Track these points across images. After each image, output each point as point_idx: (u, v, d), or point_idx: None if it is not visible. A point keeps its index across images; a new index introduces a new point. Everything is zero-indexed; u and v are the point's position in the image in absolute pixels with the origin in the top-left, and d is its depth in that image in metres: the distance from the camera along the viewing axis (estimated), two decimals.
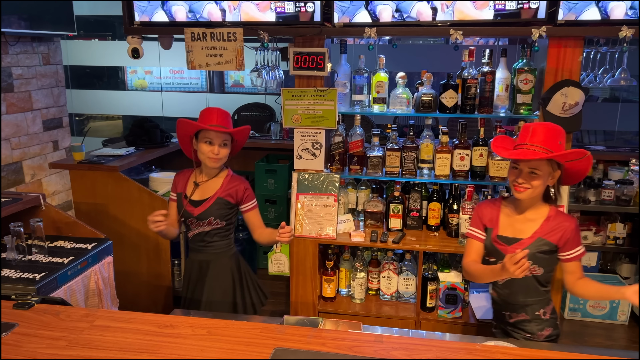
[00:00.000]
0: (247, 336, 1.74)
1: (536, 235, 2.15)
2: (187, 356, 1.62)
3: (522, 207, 2.19)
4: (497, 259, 2.18)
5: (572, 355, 1.67)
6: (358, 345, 1.69)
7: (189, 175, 2.63)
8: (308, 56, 2.99)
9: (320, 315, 3.24)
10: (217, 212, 2.54)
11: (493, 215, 2.25)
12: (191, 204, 2.55)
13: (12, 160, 4.53)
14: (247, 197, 2.60)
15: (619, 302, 3.88)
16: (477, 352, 1.65)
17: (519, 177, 2.07)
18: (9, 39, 4.38)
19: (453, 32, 2.79)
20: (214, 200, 2.53)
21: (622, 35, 2.65)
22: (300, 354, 1.62)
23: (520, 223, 2.19)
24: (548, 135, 2.02)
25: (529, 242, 2.14)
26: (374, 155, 3.16)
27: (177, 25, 3.05)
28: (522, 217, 2.19)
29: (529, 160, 2.03)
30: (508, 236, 2.19)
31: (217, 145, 2.45)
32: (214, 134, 2.43)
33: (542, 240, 2.14)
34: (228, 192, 2.55)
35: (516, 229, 2.19)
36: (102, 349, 1.64)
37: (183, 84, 7.58)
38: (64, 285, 2.72)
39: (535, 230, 2.15)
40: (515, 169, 2.09)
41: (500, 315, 2.34)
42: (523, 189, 2.07)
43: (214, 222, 2.55)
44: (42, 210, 3.15)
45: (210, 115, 2.45)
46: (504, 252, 2.15)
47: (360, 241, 3.13)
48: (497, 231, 2.22)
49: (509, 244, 2.17)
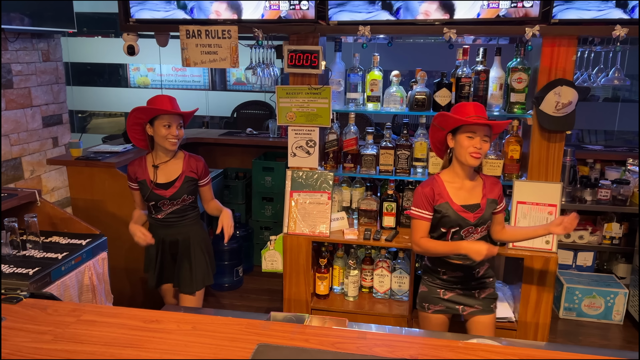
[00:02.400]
0: (231, 332, 1.75)
1: (484, 197, 2.45)
2: (171, 351, 1.63)
3: (463, 176, 2.44)
4: (460, 228, 2.42)
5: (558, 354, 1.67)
6: (341, 341, 1.70)
7: (144, 163, 2.82)
8: (302, 54, 3.00)
9: (313, 312, 3.25)
10: (188, 189, 2.83)
11: (440, 190, 2.44)
12: (160, 187, 2.77)
13: (12, 156, 4.55)
14: (205, 173, 2.92)
15: (613, 302, 3.88)
16: (460, 349, 1.66)
17: (477, 142, 2.31)
18: (8, 36, 4.40)
19: (447, 30, 2.80)
20: (183, 179, 2.80)
21: (615, 34, 2.65)
22: (283, 350, 1.63)
23: (465, 191, 2.45)
24: (482, 109, 2.36)
25: (484, 204, 2.43)
26: (368, 153, 3.17)
27: (172, 23, 3.07)
28: (467, 185, 2.45)
29: (484, 126, 2.31)
30: (466, 204, 2.42)
31: (175, 127, 2.70)
32: (171, 117, 2.68)
33: (490, 199, 2.45)
34: (191, 169, 2.84)
35: (466, 197, 2.44)
36: (87, 343, 1.66)
37: (185, 81, 7.61)
38: (57, 281, 2.74)
39: (482, 193, 2.45)
40: (471, 138, 2.32)
41: (468, 276, 2.50)
42: (479, 154, 2.32)
43: (187, 199, 2.85)
44: (38, 206, 3.17)
45: (163, 101, 2.69)
46: (468, 219, 2.40)
47: (354, 239, 3.14)
48: (455, 203, 2.42)
49: (472, 211, 2.42)
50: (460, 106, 2.39)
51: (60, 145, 5.10)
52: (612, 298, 3.89)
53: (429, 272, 2.58)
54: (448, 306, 2.54)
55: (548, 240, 2.95)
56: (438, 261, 2.51)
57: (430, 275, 2.56)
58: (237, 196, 4.75)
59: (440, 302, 2.54)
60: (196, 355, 1.61)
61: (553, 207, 2.96)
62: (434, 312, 2.55)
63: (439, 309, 2.54)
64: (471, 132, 2.33)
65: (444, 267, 2.50)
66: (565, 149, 3.89)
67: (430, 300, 2.55)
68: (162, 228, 2.89)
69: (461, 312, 2.55)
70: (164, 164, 2.80)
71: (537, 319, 3.00)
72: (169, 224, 2.88)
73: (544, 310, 2.98)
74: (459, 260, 2.45)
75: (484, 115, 2.36)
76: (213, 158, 4.96)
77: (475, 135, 2.32)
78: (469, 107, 2.36)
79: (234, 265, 4.32)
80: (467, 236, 2.44)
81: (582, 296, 3.93)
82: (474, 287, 2.53)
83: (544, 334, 3.01)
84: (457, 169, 2.44)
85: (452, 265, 2.48)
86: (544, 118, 2.86)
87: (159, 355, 1.61)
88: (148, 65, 7.59)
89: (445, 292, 2.53)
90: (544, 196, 2.96)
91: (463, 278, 2.50)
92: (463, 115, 2.33)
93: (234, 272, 4.34)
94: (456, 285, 2.52)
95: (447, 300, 2.53)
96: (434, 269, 2.54)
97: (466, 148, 2.33)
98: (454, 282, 2.51)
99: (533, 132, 2.94)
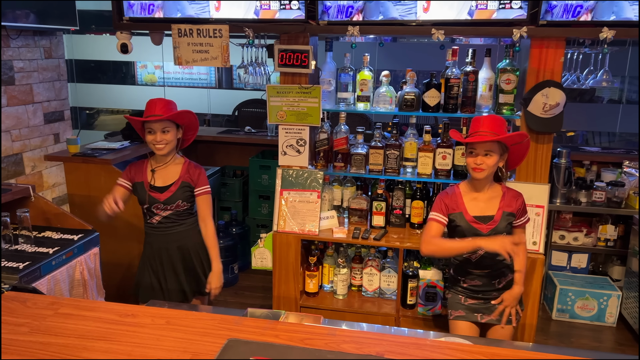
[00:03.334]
0: (204, 326, 1.78)
1: (501, 210, 2.45)
2: (142, 344, 1.67)
3: (479, 188, 2.47)
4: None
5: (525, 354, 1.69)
6: (310, 337, 1.72)
7: (145, 166, 2.77)
8: (293, 53, 3.02)
9: (302, 310, 3.28)
10: (183, 195, 2.72)
11: (457, 201, 2.48)
12: (156, 190, 2.70)
13: (13, 152, 4.62)
14: (201, 181, 2.76)
15: (606, 305, 3.87)
16: (426, 346, 1.68)
17: (477, 159, 2.35)
18: (10, 33, 4.47)
19: (434, 31, 2.81)
20: (179, 185, 2.71)
21: (602, 36, 2.65)
22: (252, 345, 1.66)
23: (483, 202, 2.46)
24: (495, 123, 2.34)
25: (499, 217, 2.44)
26: (358, 152, 3.19)
27: (164, 22, 3.10)
28: (483, 197, 2.47)
29: (484, 143, 2.32)
30: (480, 215, 2.44)
31: (159, 133, 2.62)
32: (151, 123, 2.61)
33: (506, 212, 2.45)
34: (189, 175, 2.74)
35: (482, 208, 2.46)
36: (61, 335, 1.70)
37: (192, 79, 7.65)
38: (47, 275, 2.79)
39: (498, 206, 2.45)
40: (472, 153, 2.37)
41: (487, 285, 2.51)
42: (480, 169, 2.35)
43: (181, 205, 2.73)
44: (32, 202, 3.22)
45: (151, 106, 2.63)
46: (481, 230, 2.42)
47: (343, 237, 3.16)
48: (468, 213, 2.44)
49: (485, 222, 2.43)
50: (475, 120, 2.40)
51: (62, 142, 5.17)
52: (605, 300, 3.88)
53: (452, 280, 2.62)
54: (467, 313, 2.55)
55: (535, 241, 2.96)
56: (459, 269, 2.55)
57: (452, 283, 2.61)
58: (234, 194, 4.79)
59: (460, 307, 2.56)
60: (166, 349, 1.64)
61: (540, 208, 2.97)
62: (454, 318, 2.58)
63: (459, 315, 2.56)
64: (472, 148, 2.37)
65: (464, 275, 2.54)
66: (560, 150, 3.90)
67: (452, 305, 2.60)
68: (158, 236, 2.77)
69: (479, 319, 2.54)
70: (162, 167, 2.73)
71: (524, 319, 3.00)
72: (164, 231, 2.76)
73: (531, 311, 2.99)
74: (475, 269, 2.49)
75: (495, 129, 2.32)
76: (211, 156, 5.00)
77: (476, 151, 2.36)
78: (479, 121, 2.36)
79: (229, 263, 4.36)
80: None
81: (575, 298, 3.92)
82: (495, 297, 2.52)
83: (531, 334, 3.02)
84: (473, 181, 2.48)
85: (471, 274, 2.51)
86: (532, 119, 2.86)
87: (130, 348, 1.64)
88: (155, 63, 7.64)
89: (467, 299, 2.56)
90: (531, 197, 2.96)
91: (482, 287, 2.52)
92: (473, 130, 2.37)
93: (230, 269, 4.37)
94: (477, 295, 2.54)
95: (467, 307, 2.55)
96: (456, 277, 2.58)
97: (469, 164, 2.40)
98: (475, 291, 2.53)
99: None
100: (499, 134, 2.32)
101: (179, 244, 2.78)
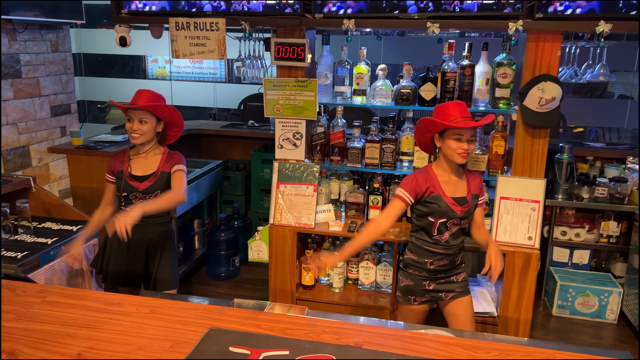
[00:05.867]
0: (187, 316, 1.80)
1: (470, 192, 2.54)
2: (124, 332, 1.69)
3: (450, 170, 2.52)
4: (447, 219, 2.50)
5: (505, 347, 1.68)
6: (291, 327, 1.74)
7: (125, 155, 2.81)
8: (289, 47, 3.03)
9: (298, 302, 3.30)
10: (162, 185, 2.74)
11: (434, 182, 2.52)
12: (135, 179, 2.74)
13: (20, 144, 4.68)
14: (177, 161, 2.78)
15: (607, 301, 3.84)
16: (405, 338, 1.68)
17: (463, 145, 2.38)
18: (17, 26, 4.52)
19: (430, 24, 2.80)
20: (159, 175, 2.74)
21: (599, 30, 2.63)
22: (232, 334, 1.68)
23: (453, 185, 2.53)
24: (466, 108, 2.41)
25: (470, 198, 2.53)
26: (354, 146, 3.19)
27: (162, 15, 3.13)
28: (453, 179, 2.53)
29: (470, 129, 2.37)
30: (455, 197, 2.50)
31: (136, 121, 2.65)
32: (132, 111, 2.65)
33: (473, 194, 2.55)
34: (169, 163, 2.76)
35: (454, 190, 2.52)
36: (46, 322, 1.73)
37: (202, 73, 7.68)
38: (46, 265, 2.84)
39: (466, 188, 2.54)
40: (458, 140, 2.39)
41: (451, 263, 2.60)
42: (467, 154, 2.41)
43: (160, 195, 2.72)
44: (33, 193, 3.27)
45: (136, 95, 2.67)
46: (456, 212, 2.49)
47: (338, 231, 3.18)
48: (446, 195, 2.49)
49: (461, 204, 2.51)
50: (443, 107, 2.43)
51: (68, 135, 5.22)
52: (606, 297, 3.85)
53: (414, 265, 2.62)
54: (432, 295, 2.62)
55: (530, 236, 2.95)
56: (425, 252, 2.57)
57: (416, 268, 2.61)
58: (237, 187, 4.81)
59: (425, 293, 2.61)
60: (147, 337, 1.66)
61: (536, 203, 2.95)
62: (419, 304, 2.63)
63: (424, 300, 2.63)
64: (458, 134, 2.39)
65: (431, 257, 2.57)
66: (563, 145, 3.86)
67: (417, 292, 2.62)
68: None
69: (444, 298, 2.63)
70: (140, 157, 2.77)
71: (519, 314, 2.99)
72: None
73: (525, 307, 2.98)
74: (443, 249, 2.55)
75: (468, 114, 2.40)
76: (214, 149, 5.03)
77: (463, 137, 2.38)
78: (452, 108, 2.40)
79: (230, 255, 4.39)
80: (451, 227, 2.51)
81: (576, 294, 3.90)
82: (453, 273, 2.63)
83: (525, 329, 3.01)
84: (445, 165, 2.52)
85: (439, 254, 2.56)
86: (528, 114, 2.84)
87: (112, 335, 1.67)
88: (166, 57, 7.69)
89: (430, 283, 2.60)
90: (527, 192, 2.95)
91: (447, 265, 2.59)
92: (447, 117, 2.38)
93: (231, 262, 4.40)
94: (440, 275, 2.59)
95: (432, 291, 2.61)
96: (421, 261, 2.59)
97: (454, 149, 2.40)
98: (440, 271, 2.58)
99: (517, 127, 2.93)
100: (472, 118, 2.42)
101: (149, 237, 2.80)
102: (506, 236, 2.98)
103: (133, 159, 2.78)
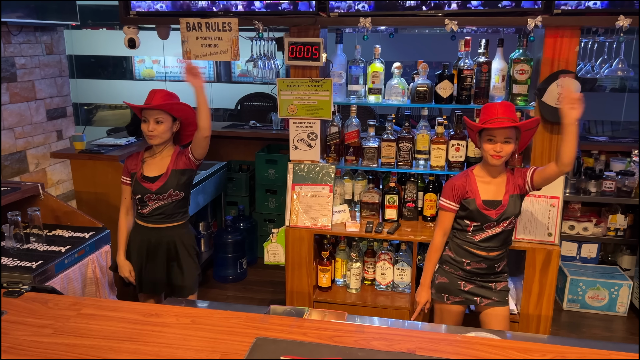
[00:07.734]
0: (230, 325, 1.76)
1: (507, 193, 2.48)
2: (169, 344, 1.64)
3: (493, 172, 2.49)
4: (481, 223, 2.48)
5: (557, 348, 1.67)
6: (339, 335, 1.70)
7: (140, 157, 2.80)
8: (303, 46, 2.98)
9: (315, 304, 3.26)
10: (175, 183, 2.72)
11: (472, 186, 2.49)
12: (147, 180, 2.71)
13: (16, 149, 4.58)
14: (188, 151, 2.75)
15: (617, 294, 3.87)
16: (457, 342, 1.66)
17: (496, 146, 2.35)
18: (11, 29, 4.41)
19: (448, 22, 2.78)
20: (170, 174, 2.71)
21: (619, 24, 2.62)
22: (281, 343, 1.64)
23: (493, 186, 2.49)
24: (508, 109, 2.36)
25: (506, 201, 2.47)
26: (370, 146, 3.16)
27: (172, 16, 3.06)
28: (495, 181, 2.50)
29: (504, 130, 2.33)
30: (490, 200, 2.47)
31: (152, 122, 2.62)
32: (147, 112, 2.62)
33: (513, 196, 2.48)
34: (181, 160, 2.73)
35: (491, 193, 2.49)
36: (86, 336, 1.67)
37: None
38: (60, 274, 2.76)
39: (505, 190, 2.48)
40: (491, 141, 2.36)
41: (489, 268, 2.55)
42: (500, 156, 2.36)
43: (173, 194, 2.73)
44: (41, 200, 3.19)
45: (150, 95, 2.64)
46: (490, 215, 2.46)
47: (355, 232, 3.14)
48: (480, 198, 2.47)
49: (494, 207, 2.46)
50: (486, 107, 2.42)
51: (65, 138, 5.12)
52: (616, 290, 3.88)
53: (451, 263, 2.60)
54: (467, 297, 2.59)
55: (550, 232, 2.94)
56: (463, 252, 2.55)
57: (453, 266, 2.59)
58: (241, 189, 4.75)
59: (460, 293, 2.59)
60: (194, 349, 1.62)
61: (556, 199, 2.95)
62: (452, 303, 2.60)
63: (458, 300, 2.60)
64: (491, 135, 2.36)
65: (469, 258, 2.54)
66: None
67: (451, 291, 2.60)
68: (148, 230, 2.78)
69: (479, 303, 2.59)
70: (153, 158, 2.76)
71: (540, 311, 2.99)
72: (155, 225, 2.77)
73: (546, 303, 2.97)
74: (484, 251, 2.51)
75: (511, 116, 2.35)
76: (216, 150, 4.96)
77: (495, 139, 2.35)
78: (494, 108, 2.37)
79: (237, 258, 4.34)
80: (488, 229, 2.49)
81: (586, 288, 3.92)
82: (492, 280, 2.58)
83: (546, 326, 3.01)
84: (485, 165, 2.50)
85: (478, 256, 2.53)
86: (547, 110, 2.84)
87: (157, 348, 1.62)
88: (153, 57, 7.57)
89: (466, 284, 2.58)
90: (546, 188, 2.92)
91: (485, 270, 2.55)
92: (488, 117, 2.36)
93: (238, 265, 4.35)
94: (477, 277, 2.56)
95: (467, 292, 2.58)
96: (458, 260, 2.57)
97: (487, 151, 2.39)
98: (476, 273, 2.55)
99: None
100: (514, 119, 2.35)
101: (167, 240, 2.79)
102: (526, 233, 2.97)
103: (147, 160, 2.76)
